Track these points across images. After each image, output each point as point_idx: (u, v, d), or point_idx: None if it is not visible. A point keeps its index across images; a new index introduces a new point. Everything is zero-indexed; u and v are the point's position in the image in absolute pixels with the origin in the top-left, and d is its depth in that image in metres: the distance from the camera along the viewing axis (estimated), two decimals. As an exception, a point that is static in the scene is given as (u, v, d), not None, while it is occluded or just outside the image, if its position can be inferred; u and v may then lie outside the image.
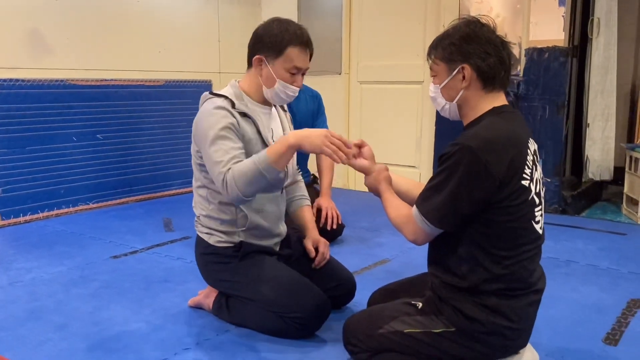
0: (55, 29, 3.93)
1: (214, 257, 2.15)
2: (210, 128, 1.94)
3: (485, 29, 1.63)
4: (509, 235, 1.58)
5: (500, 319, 1.60)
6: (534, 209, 1.61)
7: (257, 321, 2.11)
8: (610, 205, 4.45)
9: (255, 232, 2.14)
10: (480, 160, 1.50)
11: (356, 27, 4.99)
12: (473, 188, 1.52)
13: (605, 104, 4.23)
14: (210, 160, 1.93)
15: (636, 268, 2.92)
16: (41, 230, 3.60)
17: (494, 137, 1.54)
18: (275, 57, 2.02)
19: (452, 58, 1.63)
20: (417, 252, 3.15)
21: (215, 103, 2.00)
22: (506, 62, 1.63)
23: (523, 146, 1.59)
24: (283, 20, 2.07)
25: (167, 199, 4.58)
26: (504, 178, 1.51)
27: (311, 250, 2.27)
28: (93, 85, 4.14)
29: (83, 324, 2.21)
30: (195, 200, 2.19)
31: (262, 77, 2.07)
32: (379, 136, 4.94)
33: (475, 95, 1.65)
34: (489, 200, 1.53)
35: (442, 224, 1.59)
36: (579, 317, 2.32)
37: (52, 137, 3.92)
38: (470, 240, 1.60)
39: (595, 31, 4.13)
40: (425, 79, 4.64)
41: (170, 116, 4.68)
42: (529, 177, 1.57)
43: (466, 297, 1.62)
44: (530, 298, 1.65)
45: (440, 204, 1.57)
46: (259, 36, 2.05)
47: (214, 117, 1.96)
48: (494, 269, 1.59)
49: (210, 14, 4.98)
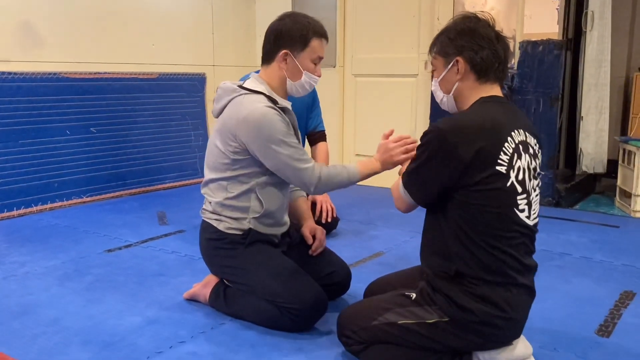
0: (48, 22, 3.90)
1: (220, 242, 2.17)
2: (272, 128, 1.99)
3: (482, 23, 1.69)
4: (490, 221, 1.60)
5: (492, 309, 1.61)
6: (515, 197, 1.62)
7: (254, 311, 2.12)
8: (603, 198, 4.47)
9: (266, 220, 2.17)
10: (448, 142, 1.58)
11: (351, 20, 4.97)
12: (439, 168, 1.61)
13: (599, 96, 4.24)
14: (286, 158, 2.01)
15: (629, 260, 2.93)
16: (35, 224, 3.59)
17: (466, 121, 1.63)
18: (301, 49, 2.09)
19: (448, 52, 1.71)
20: (411, 245, 3.17)
21: (260, 101, 2.03)
22: (500, 55, 1.68)
23: (500, 133, 1.62)
24: (298, 14, 2.14)
25: (161, 193, 4.57)
26: (471, 161, 1.57)
27: (308, 237, 2.32)
28: (86, 78, 4.12)
29: (77, 318, 2.21)
30: (211, 189, 2.19)
31: (287, 71, 2.11)
32: (373, 129, 4.93)
33: (469, 87, 1.71)
34: (459, 182, 1.59)
35: (414, 196, 1.71)
36: (572, 309, 2.33)
37: (45, 130, 3.90)
38: (455, 226, 1.63)
39: (589, 24, 4.13)
40: (419, 72, 4.64)
41: (164, 109, 4.67)
42: (505, 163, 1.60)
43: (458, 286, 1.63)
44: (525, 289, 1.66)
45: (413, 177, 1.70)
46: (280, 32, 2.08)
47: (268, 116, 2.00)
48: (480, 255, 1.60)
49: (203, 6, 4.96)
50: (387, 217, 3.76)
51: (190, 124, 4.88)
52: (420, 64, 4.63)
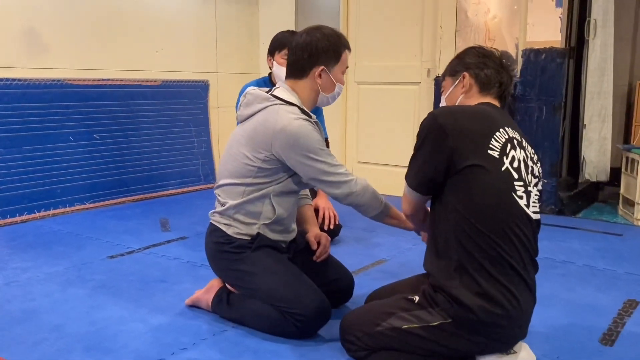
0: (52, 28, 3.92)
1: (227, 246, 2.17)
2: (310, 140, 2.03)
3: (490, 51, 1.87)
4: (490, 205, 1.63)
5: (495, 308, 1.61)
6: (512, 181, 1.65)
7: (257, 317, 2.12)
8: (606, 206, 4.46)
9: (276, 226, 2.18)
10: (437, 122, 1.68)
11: (353, 28, 4.99)
12: (432, 150, 1.69)
13: (602, 105, 4.23)
14: (325, 166, 2.05)
15: (632, 269, 2.92)
16: (37, 230, 3.59)
17: (456, 109, 1.76)
18: (334, 63, 2.15)
19: (456, 69, 1.88)
20: (414, 252, 3.16)
21: (295, 113, 2.07)
22: (504, 80, 1.84)
23: (490, 122, 1.71)
24: (324, 27, 2.18)
25: (164, 199, 4.57)
26: (458, 141, 1.64)
27: (313, 243, 2.34)
28: (90, 85, 4.13)
29: (79, 324, 2.21)
30: (225, 192, 2.19)
31: (322, 85, 2.15)
32: (376, 137, 4.94)
33: (471, 97, 1.83)
34: (454, 164, 1.64)
35: (413, 185, 1.78)
36: (575, 317, 2.32)
37: (48, 136, 3.91)
38: (454, 212, 1.66)
39: (592, 32, 4.14)
40: (422, 80, 4.65)
41: (168, 116, 4.68)
42: (497, 149, 1.66)
43: (458, 282, 1.64)
44: (526, 291, 1.67)
45: (412, 167, 1.78)
46: (316, 48, 2.11)
47: (306, 128, 2.04)
48: (480, 240, 1.62)
49: (207, 14, 4.98)
50: (389, 224, 3.75)
51: (193, 131, 4.89)
52: (423, 72, 4.64)
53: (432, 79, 4.57)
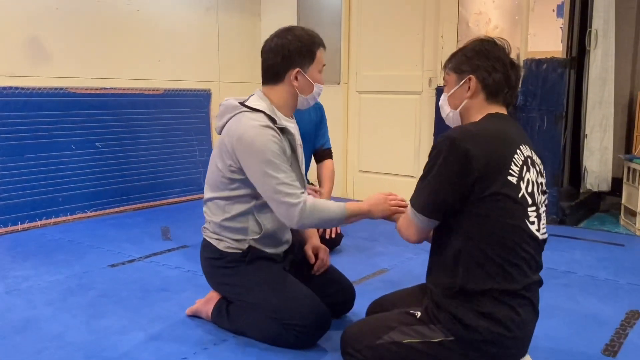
0: (55, 37, 3.94)
1: (220, 261, 2.16)
2: (264, 150, 1.95)
3: (498, 48, 1.73)
4: (500, 231, 1.60)
5: (498, 327, 1.60)
6: (526, 208, 1.62)
7: (257, 328, 2.11)
8: (608, 216, 4.46)
9: (266, 240, 2.15)
10: (459, 147, 1.57)
11: (355, 38, 5.00)
12: (452, 175, 1.59)
13: (603, 115, 4.24)
14: (275, 182, 1.94)
15: (634, 279, 2.91)
16: (39, 239, 3.59)
17: (477, 130, 1.65)
18: (309, 63, 2.09)
19: (462, 69, 1.76)
20: (415, 262, 3.15)
21: (259, 120, 2.00)
22: (512, 82, 1.73)
23: (510, 144, 1.64)
24: (294, 28, 2.13)
25: (165, 208, 4.57)
26: (483, 168, 1.57)
27: (311, 257, 2.30)
28: (92, 94, 4.14)
29: (80, 333, 2.20)
30: (210, 208, 2.19)
31: (299, 87, 2.10)
32: (377, 146, 4.94)
33: (477, 105, 1.74)
34: (473, 191, 1.58)
35: (426, 211, 1.66)
36: (577, 328, 2.31)
37: (50, 145, 3.92)
38: (464, 238, 1.62)
39: (593, 43, 4.15)
40: (423, 90, 4.66)
41: (169, 125, 4.69)
42: (516, 174, 1.61)
43: (463, 303, 1.62)
44: (530, 308, 1.65)
45: (425, 193, 1.66)
46: (288, 50, 2.05)
47: (263, 137, 1.96)
48: (488, 267, 1.60)
49: (210, 23, 5.00)
50: (391, 233, 3.73)
51: (195, 140, 4.90)
52: (424, 82, 4.65)
53: (433, 88, 4.58)
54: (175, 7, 4.69)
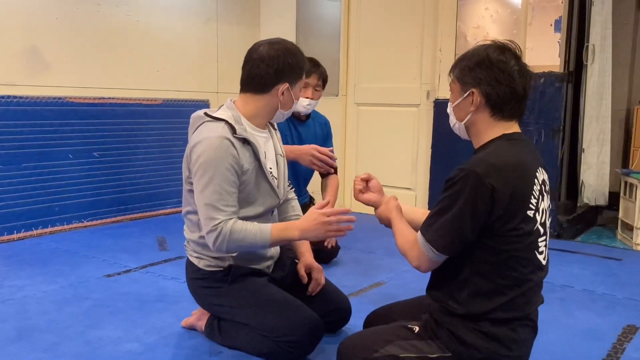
0: (54, 47, 3.95)
1: (203, 281, 2.13)
2: (211, 162, 1.90)
3: (505, 56, 1.62)
4: (512, 264, 1.57)
5: (498, 347, 1.59)
6: (537, 239, 1.60)
7: (250, 344, 2.08)
8: (605, 231, 4.46)
9: (247, 256, 2.11)
10: (485, 185, 1.49)
11: (354, 50, 5.02)
12: (477, 213, 1.51)
13: (601, 129, 4.25)
14: (205, 198, 1.91)
15: (632, 294, 2.91)
16: (34, 248, 3.57)
17: (500, 163, 1.54)
18: (297, 80, 2.07)
19: (465, 80, 1.65)
20: (412, 274, 3.14)
21: (216, 130, 1.94)
22: (519, 93, 1.62)
23: (530, 175, 1.58)
24: (287, 42, 2.07)
25: (162, 218, 4.56)
26: (507, 205, 1.51)
27: (304, 277, 2.24)
28: (90, 103, 4.14)
29: (75, 344, 2.19)
30: (187, 225, 2.17)
31: (282, 102, 2.06)
32: (375, 158, 4.95)
33: (483, 120, 1.65)
34: (492, 227, 1.53)
35: (447, 250, 1.57)
36: (574, 342, 2.30)
37: (48, 154, 3.92)
38: (473, 267, 1.59)
39: (590, 57, 4.17)
40: (421, 102, 4.67)
41: (168, 135, 4.69)
42: (534, 207, 1.57)
43: (464, 322, 1.61)
44: (529, 327, 1.65)
45: (445, 230, 1.55)
46: (283, 64, 2.01)
47: (216, 149, 1.90)
48: (494, 297, 1.58)
49: (209, 34, 5.02)
50: (388, 245, 3.74)
51: (192, 150, 4.89)
52: (422, 94, 4.66)
53: (431, 101, 4.59)
54: (174, 18, 4.70)
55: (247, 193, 2.01)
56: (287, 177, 2.27)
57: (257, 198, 2.06)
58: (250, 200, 2.03)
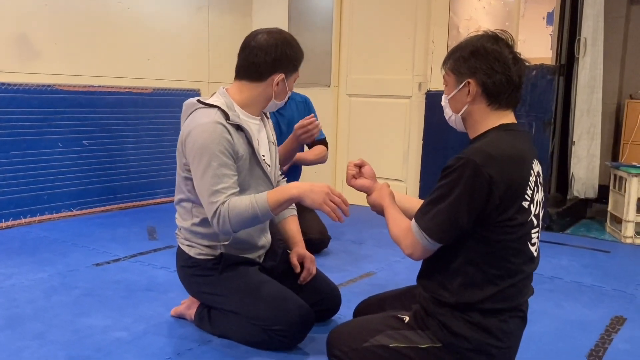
0: (44, 34, 3.90)
1: (194, 269, 2.13)
2: (207, 147, 1.90)
3: (499, 45, 1.61)
4: (505, 254, 1.57)
5: (488, 337, 1.59)
6: (531, 231, 1.60)
7: (240, 333, 2.09)
8: (594, 223, 4.49)
9: (238, 245, 2.12)
10: (483, 174, 1.49)
11: (346, 41, 5.01)
12: (473, 202, 1.50)
13: (591, 122, 4.27)
14: (204, 183, 1.92)
15: (620, 285, 2.93)
16: (23, 236, 3.55)
17: (497, 153, 1.53)
18: (292, 72, 2.08)
19: (460, 71, 1.64)
20: (402, 265, 3.15)
21: (209, 116, 1.95)
22: (514, 81, 1.62)
23: (526, 167, 1.58)
24: (285, 34, 2.08)
25: (152, 208, 4.54)
26: (503, 195, 1.51)
27: (296, 266, 2.24)
28: (80, 91, 4.11)
29: (63, 332, 2.18)
30: (179, 212, 2.16)
31: (276, 92, 2.06)
32: (366, 149, 4.94)
33: (480, 110, 1.64)
34: (488, 217, 1.52)
35: (441, 239, 1.57)
36: (562, 333, 2.32)
37: (37, 142, 3.88)
38: (465, 257, 1.59)
39: (581, 50, 4.18)
40: (413, 94, 4.67)
41: (158, 124, 4.66)
42: (529, 198, 1.57)
43: (454, 312, 1.61)
44: (519, 318, 1.65)
45: (441, 218, 1.54)
46: (281, 54, 2.01)
47: (210, 134, 1.91)
48: (485, 287, 1.58)
49: (200, 23, 4.98)
50: (378, 236, 3.75)
51: (183, 140, 4.87)
52: (414, 86, 4.66)
53: (423, 93, 4.59)
54: (166, 6, 4.67)
55: (241, 180, 2.01)
56: (278, 164, 2.28)
57: (250, 185, 2.06)
58: (244, 187, 2.03)
